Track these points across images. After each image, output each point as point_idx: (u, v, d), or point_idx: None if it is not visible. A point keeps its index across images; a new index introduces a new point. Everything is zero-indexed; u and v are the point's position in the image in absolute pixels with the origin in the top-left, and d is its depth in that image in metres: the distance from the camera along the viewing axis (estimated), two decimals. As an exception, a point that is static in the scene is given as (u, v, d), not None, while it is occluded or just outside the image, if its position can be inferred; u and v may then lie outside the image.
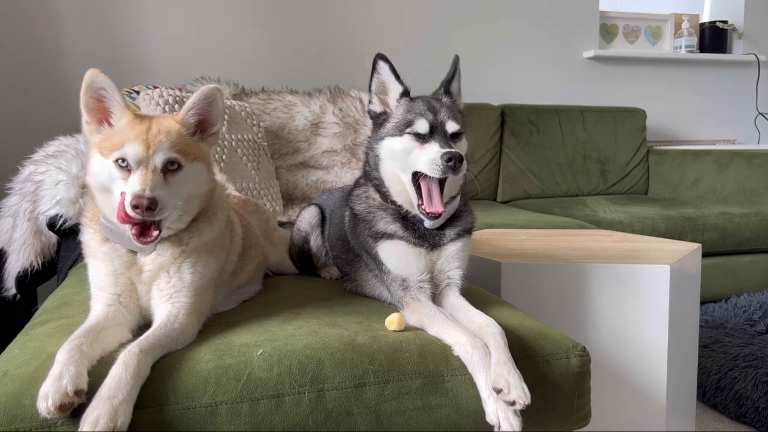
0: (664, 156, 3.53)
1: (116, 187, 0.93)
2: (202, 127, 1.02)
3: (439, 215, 1.08)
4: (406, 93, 1.15)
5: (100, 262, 0.99)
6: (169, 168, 0.93)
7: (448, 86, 1.18)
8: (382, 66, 1.14)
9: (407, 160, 1.08)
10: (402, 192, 1.11)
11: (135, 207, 0.88)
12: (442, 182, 1.07)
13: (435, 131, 1.08)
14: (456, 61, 1.19)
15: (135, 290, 0.98)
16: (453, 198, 1.13)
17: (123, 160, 0.91)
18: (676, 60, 3.85)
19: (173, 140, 0.94)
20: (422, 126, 1.07)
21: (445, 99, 1.15)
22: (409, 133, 1.08)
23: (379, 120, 1.16)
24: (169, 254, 0.98)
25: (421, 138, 1.07)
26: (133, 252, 0.98)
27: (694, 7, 4.02)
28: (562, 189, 3.37)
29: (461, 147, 1.11)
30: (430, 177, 1.05)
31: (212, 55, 2.89)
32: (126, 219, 0.90)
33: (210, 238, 1.03)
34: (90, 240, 1.00)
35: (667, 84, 3.84)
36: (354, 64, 3.04)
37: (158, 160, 0.92)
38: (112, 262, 0.98)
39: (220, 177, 1.17)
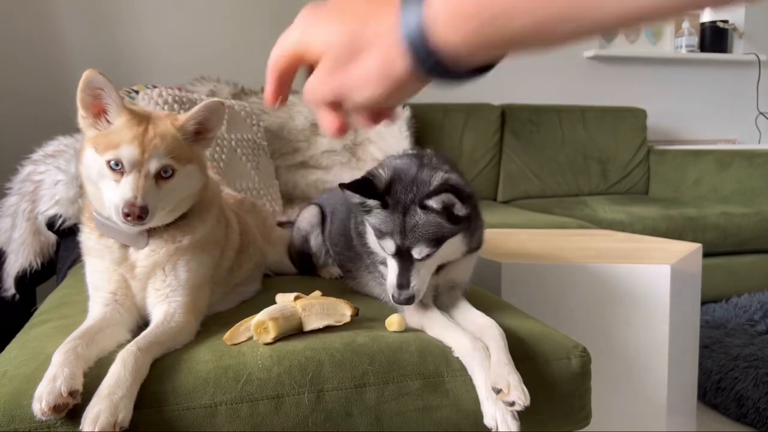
0: (665, 156, 3.53)
1: (105, 186, 0.92)
2: (199, 132, 1.01)
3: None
4: (383, 205, 0.98)
5: (95, 260, 0.99)
6: (163, 175, 0.93)
7: (423, 201, 0.96)
8: (351, 195, 1.00)
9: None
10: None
11: (126, 215, 0.88)
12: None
13: (401, 254, 0.98)
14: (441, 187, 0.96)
15: (129, 287, 0.98)
16: None
17: (117, 163, 0.91)
18: (677, 59, 3.84)
19: (168, 146, 0.93)
20: (389, 247, 0.99)
21: (420, 217, 0.96)
22: (380, 244, 1.01)
23: (362, 206, 1.03)
24: (164, 252, 0.98)
25: (391, 254, 1.00)
26: (125, 246, 0.98)
27: (694, 6, 4.02)
28: (562, 189, 3.36)
29: (432, 262, 1.01)
30: None
31: (212, 55, 2.89)
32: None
33: (203, 235, 1.03)
34: (86, 239, 1.01)
35: (667, 84, 3.84)
36: (354, 64, 3.03)
37: (152, 166, 0.91)
38: (103, 258, 0.98)
39: (213, 175, 1.17)
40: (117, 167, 0.91)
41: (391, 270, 1.00)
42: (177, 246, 0.99)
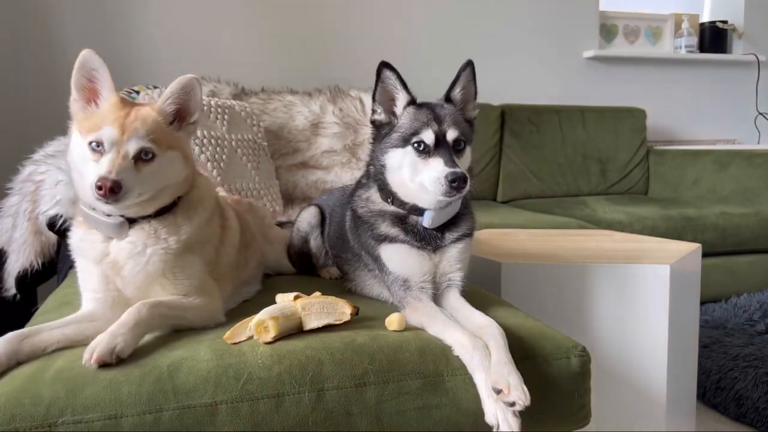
0: (664, 156, 3.53)
1: (87, 169, 0.94)
2: (180, 116, 1.02)
3: None
4: (412, 102, 1.13)
5: (79, 258, 1.01)
6: (143, 157, 0.94)
7: (449, 93, 1.16)
8: (388, 75, 1.11)
9: (413, 173, 1.08)
10: (410, 194, 1.11)
11: (99, 188, 0.89)
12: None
13: (440, 143, 1.07)
14: (464, 67, 1.16)
15: (113, 284, 0.98)
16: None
17: (98, 144, 0.93)
18: (676, 60, 3.85)
19: (149, 128, 0.95)
20: (428, 136, 1.07)
21: (448, 107, 1.13)
22: (414, 144, 1.07)
23: (383, 130, 1.14)
24: (157, 261, 0.98)
25: (426, 151, 1.06)
26: (107, 241, 0.98)
27: (694, 7, 4.02)
28: (562, 189, 3.37)
29: (465, 158, 1.10)
30: None
31: (212, 55, 2.89)
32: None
33: (190, 236, 1.02)
34: (72, 238, 1.02)
35: (667, 84, 3.84)
36: (354, 64, 3.03)
37: (131, 146, 0.93)
38: (86, 256, 0.99)
39: (205, 174, 1.17)
40: (98, 148, 0.93)
41: (436, 163, 1.05)
42: (165, 248, 0.98)
